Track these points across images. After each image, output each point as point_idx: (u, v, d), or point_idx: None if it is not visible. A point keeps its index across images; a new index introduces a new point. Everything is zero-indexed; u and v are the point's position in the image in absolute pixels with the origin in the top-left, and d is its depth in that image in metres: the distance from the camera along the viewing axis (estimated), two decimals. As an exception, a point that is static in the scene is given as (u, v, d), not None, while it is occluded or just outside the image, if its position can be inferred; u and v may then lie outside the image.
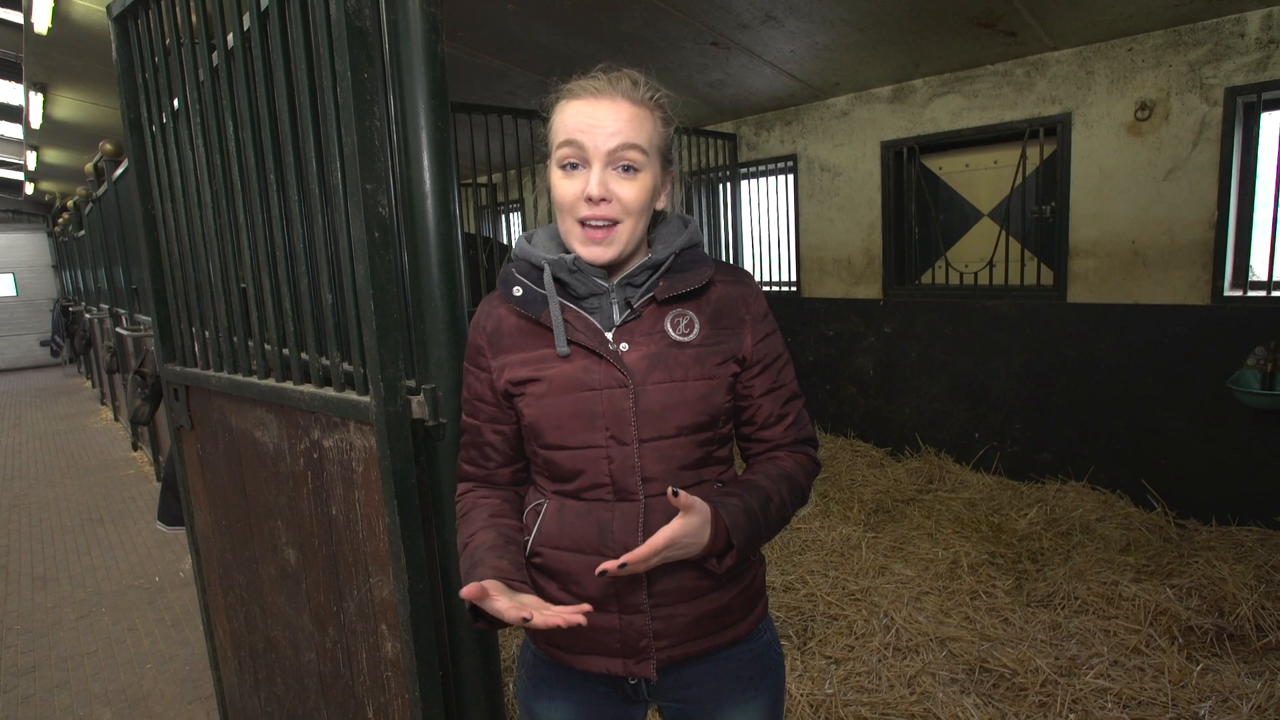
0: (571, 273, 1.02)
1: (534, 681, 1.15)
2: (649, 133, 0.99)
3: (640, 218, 1.00)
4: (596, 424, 0.99)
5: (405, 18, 1.20)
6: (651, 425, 0.99)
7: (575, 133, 0.96)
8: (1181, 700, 2.13)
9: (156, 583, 3.74)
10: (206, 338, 1.86)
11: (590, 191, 0.96)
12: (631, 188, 0.98)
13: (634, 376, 0.99)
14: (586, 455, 1.01)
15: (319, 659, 1.65)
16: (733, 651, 1.09)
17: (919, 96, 4.08)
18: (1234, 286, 3.22)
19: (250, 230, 1.57)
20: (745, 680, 1.11)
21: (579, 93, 0.99)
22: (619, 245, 1.00)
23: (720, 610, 1.05)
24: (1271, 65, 2.97)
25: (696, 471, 1.04)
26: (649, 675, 1.03)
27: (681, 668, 1.07)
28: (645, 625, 1.02)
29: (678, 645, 1.04)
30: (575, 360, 1.00)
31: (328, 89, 1.27)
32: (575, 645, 1.06)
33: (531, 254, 1.05)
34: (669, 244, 1.05)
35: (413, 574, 1.29)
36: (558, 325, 1.00)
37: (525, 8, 3.56)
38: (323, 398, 1.40)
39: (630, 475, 1.00)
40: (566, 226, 1.01)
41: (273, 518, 1.70)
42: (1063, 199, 3.60)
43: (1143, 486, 3.49)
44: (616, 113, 0.96)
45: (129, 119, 1.92)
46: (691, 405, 1.00)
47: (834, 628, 2.71)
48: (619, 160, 0.97)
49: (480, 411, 1.08)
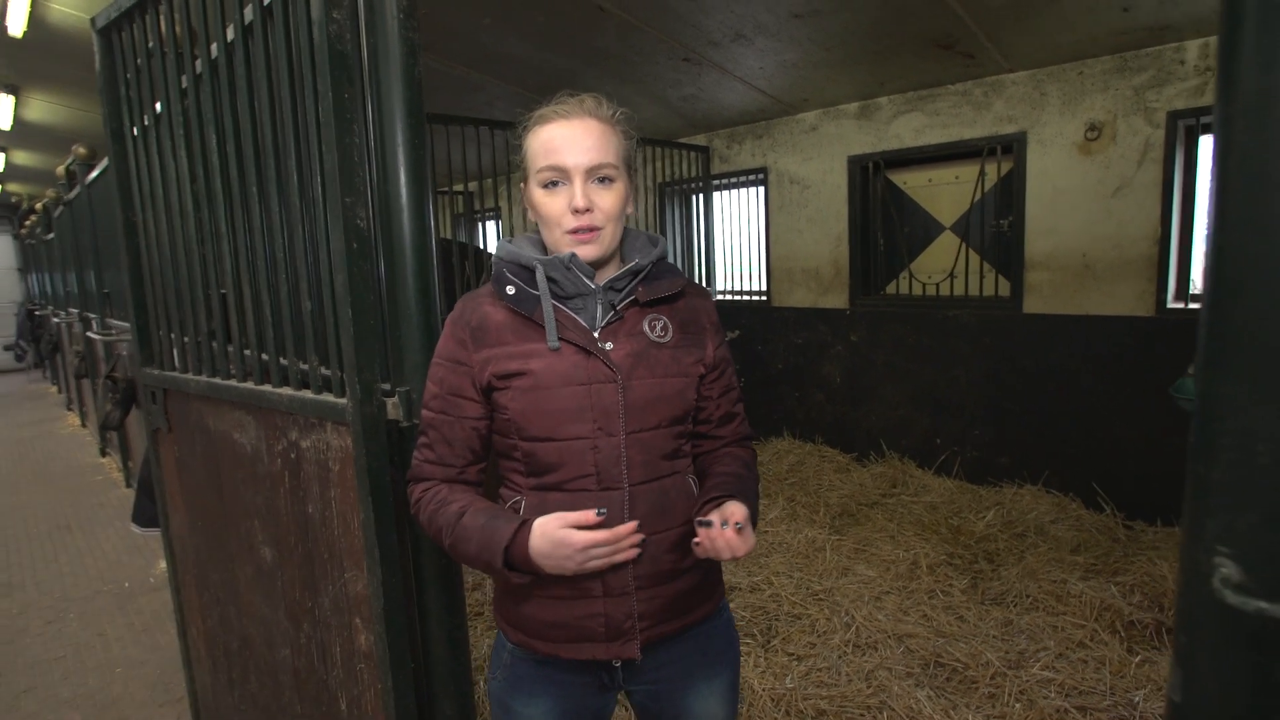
0: (565, 270, 1.09)
1: (511, 680, 1.18)
2: (617, 147, 1.10)
3: (618, 222, 1.11)
4: (585, 416, 1.06)
5: (385, 42, 1.27)
6: (637, 418, 1.08)
7: (554, 155, 1.06)
8: (1120, 689, 2.26)
9: (126, 588, 3.73)
10: (185, 342, 1.91)
11: (576, 203, 1.06)
12: (609, 196, 1.09)
13: (621, 371, 1.08)
14: (572, 447, 1.07)
15: (294, 654, 1.70)
16: (702, 628, 1.19)
17: (884, 113, 4.23)
18: (1177, 299, 3.40)
19: (231, 239, 1.63)
20: (712, 655, 1.20)
21: (551, 117, 1.09)
22: (604, 245, 1.10)
23: (691, 589, 1.15)
24: (1209, 91, 3.15)
25: (671, 462, 1.14)
26: (634, 655, 1.10)
27: (658, 648, 1.15)
28: (630, 606, 1.10)
29: (656, 625, 1.12)
30: (564, 356, 1.07)
31: (309, 106, 1.34)
32: (559, 635, 1.11)
33: (520, 255, 1.13)
34: (646, 254, 1.15)
35: (386, 568, 1.36)
36: (550, 321, 1.07)
37: (501, 23, 3.65)
38: (301, 400, 1.47)
39: (616, 465, 1.08)
40: (555, 237, 1.10)
41: (250, 517, 1.75)
42: (1019, 214, 3.76)
43: (1093, 489, 3.65)
44: (589, 131, 1.07)
45: (111, 128, 1.96)
46: (671, 400, 1.11)
47: (797, 626, 2.80)
48: (596, 174, 1.07)
49: (456, 406, 1.12)
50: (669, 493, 1.14)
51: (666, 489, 1.13)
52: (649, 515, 1.11)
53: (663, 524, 1.12)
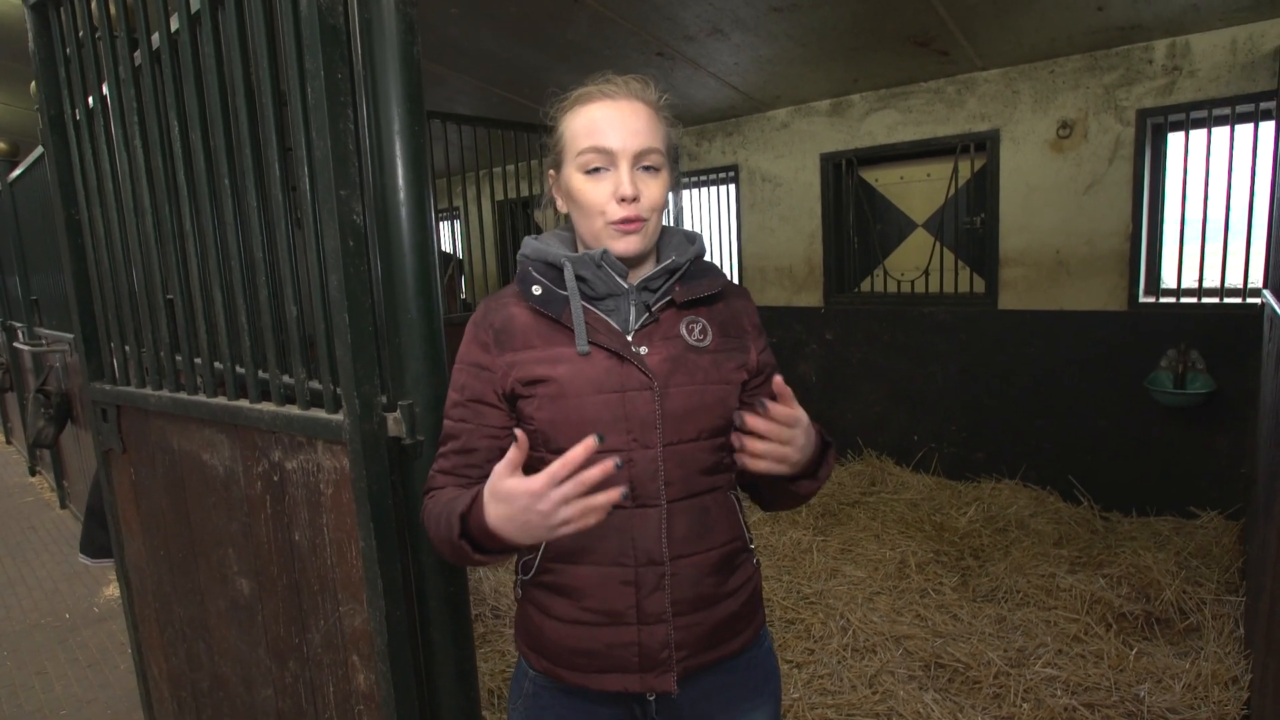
0: (597, 268, 1.00)
1: (533, 711, 1.09)
2: (664, 134, 1.02)
3: (660, 215, 1.04)
4: (618, 427, 0.97)
5: (379, 16, 1.14)
6: (674, 429, 0.99)
7: (599, 137, 0.97)
8: (1122, 683, 2.26)
9: (67, 620, 3.43)
10: (142, 354, 1.72)
11: (624, 191, 0.96)
12: (655, 186, 1.00)
13: (657, 379, 0.98)
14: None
15: (277, 695, 1.54)
16: (740, 660, 1.09)
17: (856, 111, 4.22)
18: (1147, 293, 3.47)
19: (198, 239, 1.47)
20: (752, 688, 1.10)
21: (596, 96, 0.99)
22: (647, 239, 1.02)
23: (732, 617, 1.05)
24: (1176, 90, 3.22)
25: (711, 477, 1.03)
26: (670, 689, 1.00)
27: (697, 679, 1.05)
28: (667, 635, 1.00)
29: (695, 655, 1.02)
30: (595, 361, 0.98)
31: (294, 89, 1.20)
32: (589, 665, 1.01)
33: (547, 253, 1.04)
34: (683, 252, 1.06)
35: (390, 600, 1.23)
36: (579, 323, 0.98)
37: (469, 13, 3.49)
38: (286, 416, 1.32)
39: (653, 480, 0.98)
40: (597, 227, 1.00)
41: (222, 546, 1.58)
42: (992, 211, 3.79)
43: (1070, 482, 3.70)
44: (637, 114, 0.98)
45: (49, 115, 1.76)
46: (711, 409, 1.01)
47: (792, 631, 2.74)
48: (642, 160, 0.98)
49: (478, 414, 1.02)
50: (710, 510, 1.04)
51: (707, 506, 1.04)
52: (688, 536, 1.01)
53: (703, 545, 1.03)
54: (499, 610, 2.98)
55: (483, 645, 2.75)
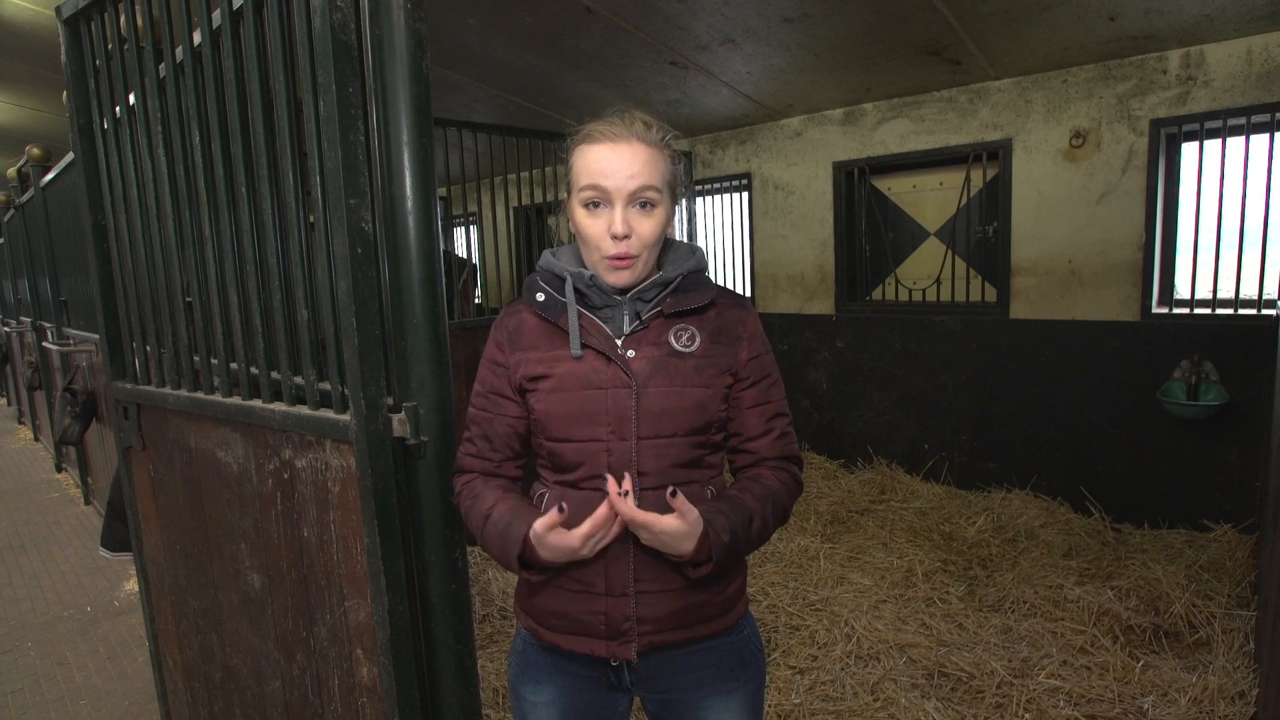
0: (589, 286, 1.13)
1: (522, 666, 1.22)
2: (662, 172, 1.09)
3: (655, 248, 1.12)
4: (600, 420, 1.09)
5: (390, 33, 1.19)
6: (650, 425, 1.09)
7: (598, 176, 1.06)
8: (1126, 696, 2.24)
9: (89, 613, 3.52)
10: (162, 354, 1.78)
11: (615, 230, 1.06)
12: (649, 223, 1.09)
13: (637, 379, 1.09)
14: (589, 449, 1.10)
15: (285, 687, 1.59)
16: (712, 644, 1.17)
17: (869, 119, 4.23)
18: (1161, 304, 3.44)
19: (217, 244, 1.52)
20: (725, 673, 1.18)
21: (598, 137, 1.08)
22: (638, 272, 1.12)
23: (700, 604, 1.13)
24: (1191, 100, 3.20)
25: (688, 471, 1.12)
26: (629, 657, 1.11)
27: (661, 654, 1.14)
28: (630, 608, 1.10)
29: (658, 632, 1.11)
30: (586, 361, 1.10)
31: (308, 101, 1.25)
32: (561, 625, 1.14)
33: (555, 265, 1.16)
34: (679, 266, 1.16)
35: (393, 596, 1.27)
36: (574, 328, 1.10)
37: (486, 23, 3.56)
38: (296, 416, 1.37)
39: (627, 469, 1.08)
40: (594, 259, 1.11)
41: (235, 540, 1.63)
42: (1004, 220, 3.78)
43: (1081, 493, 3.67)
44: (635, 155, 1.06)
45: (79, 124, 1.83)
46: (689, 410, 1.10)
47: (796, 638, 2.75)
48: (638, 199, 1.07)
49: (496, 405, 1.17)
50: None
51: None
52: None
53: None
54: (507, 611, 3.02)
55: (491, 645, 2.79)
